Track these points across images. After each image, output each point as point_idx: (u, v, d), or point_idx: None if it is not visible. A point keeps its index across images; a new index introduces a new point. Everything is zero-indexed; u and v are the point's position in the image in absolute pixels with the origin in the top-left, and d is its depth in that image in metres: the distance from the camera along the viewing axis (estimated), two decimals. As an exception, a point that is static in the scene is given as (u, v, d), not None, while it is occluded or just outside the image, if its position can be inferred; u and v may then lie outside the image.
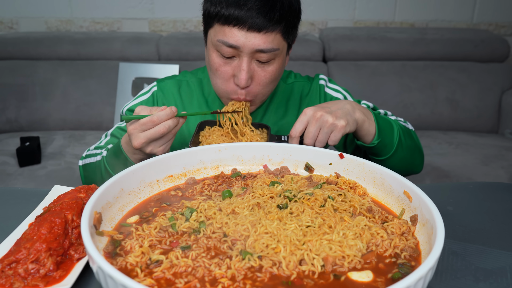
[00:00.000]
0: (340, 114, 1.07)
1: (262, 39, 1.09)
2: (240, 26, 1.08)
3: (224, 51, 1.12)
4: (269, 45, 1.10)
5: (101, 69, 2.76)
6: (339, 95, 1.37)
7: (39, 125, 2.72)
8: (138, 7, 3.06)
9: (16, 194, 1.05)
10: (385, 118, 1.20)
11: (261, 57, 1.12)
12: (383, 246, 0.72)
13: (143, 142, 1.02)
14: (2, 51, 2.80)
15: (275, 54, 1.13)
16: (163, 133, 1.02)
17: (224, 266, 0.65)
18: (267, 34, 1.09)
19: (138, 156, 1.11)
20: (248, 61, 1.12)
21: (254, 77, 1.15)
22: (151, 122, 1.01)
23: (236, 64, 1.14)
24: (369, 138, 1.15)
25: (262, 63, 1.14)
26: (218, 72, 1.16)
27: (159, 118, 1.01)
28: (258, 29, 1.08)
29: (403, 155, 1.21)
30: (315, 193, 0.84)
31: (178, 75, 1.41)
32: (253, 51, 1.10)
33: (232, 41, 1.09)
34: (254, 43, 1.09)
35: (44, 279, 0.69)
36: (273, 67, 1.16)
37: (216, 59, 1.15)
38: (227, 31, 1.10)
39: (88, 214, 0.69)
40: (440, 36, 2.90)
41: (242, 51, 1.10)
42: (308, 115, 1.07)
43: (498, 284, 0.74)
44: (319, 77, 1.40)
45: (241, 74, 1.12)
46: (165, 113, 1.02)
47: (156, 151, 1.05)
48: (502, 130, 2.85)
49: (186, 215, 0.78)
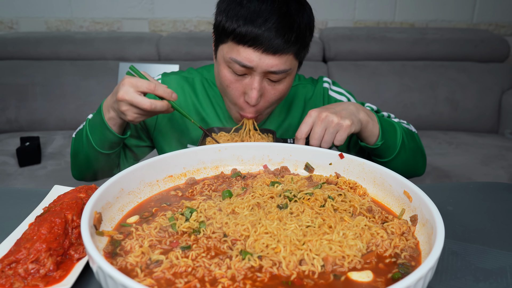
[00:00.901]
0: (345, 114, 1.07)
1: (276, 61, 1.08)
2: (255, 47, 1.06)
3: (237, 69, 1.10)
4: (282, 67, 1.09)
5: (101, 69, 2.76)
6: (343, 98, 1.37)
7: (39, 125, 2.72)
8: (138, 7, 3.06)
9: (16, 194, 1.05)
10: (388, 120, 1.20)
11: (272, 77, 1.12)
12: (383, 246, 0.72)
13: (126, 99, 1.01)
14: (2, 51, 2.80)
15: (287, 74, 1.13)
16: (145, 108, 1.01)
17: (224, 266, 0.65)
18: (282, 56, 1.08)
19: (111, 114, 1.09)
20: (260, 80, 1.11)
21: (264, 95, 1.15)
22: (147, 84, 1.01)
23: (248, 82, 1.13)
24: (372, 139, 1.15)
25: (273, 82, 1.14)
26: (229, 89, 1.16)
27: (156, 89, 1.02)
28: (273, 51, 1.06)
29: (406, 157, 1.21)
30: (315, 193, 0.84)
31: (184, 71, 1.39)
32: (266, 71, 1.09)
33: (246, 61, 1.07)
34: (268, 65, 1.08)
35: (44, 279, 0.69)
36: (283, 86, 1.16)
37: (228, 75, 1.13)
38: (241, 51, 1.07)
39: (88, 214, 0.69)
40: (440, 36, 2.90)
41: (254, 71, 1.09)
42: (313, 116, 1.07)
43: (498, 284, 0.74)
44: (323, 80, 1.40)
45: (252, 92, 1.11)
46: (164, 90, 1.02)
47: (128, 114, 1.03)
48: (502, 130, 2.85)
49: (186, 215, 0.78)
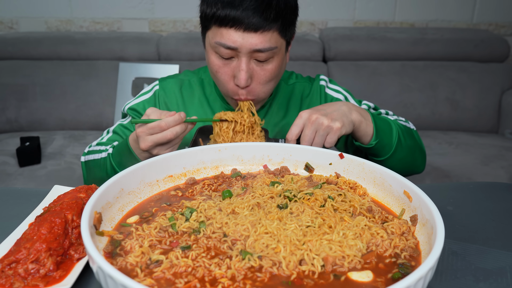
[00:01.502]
0: (336, 116, 1.07)
1: (259, 39, 1.09)
2: (236, 27, 1.08)
3: (222, 52, 1.12)
4: (267, 44, 1.10)
5: (101, 69, 2.76)
6: (340, 95, 1.37)
7: (39, 125, 2.72)
8: (138, 7, 3.06)
9: (16, 194, 1.05)
10: (384, 119, 1.20)
11: (259, 57, 1.12)
12: (383, 246, 0.72)
13: (150, 145, 1.04)
14: (2, 51, 2.79)
15: (274, 53, 1.14)
16: (169, 139, 1.04)
17: (224, 266, 0.65)
18: (264, 33, 1.09)
19: (145, 155, 1.12)
20: (247, 61, 1.12)
21: (253, 76, 1.16)
22: (159, 127, 1.03)
23: (235, 64, 1.14)
24: (366, 139, 1.15)
25: (261, 62, 1.14)
26: (219, 74, 1.17)
27: (167, 123, 1.03)
28: (254, 29, 1.08)
29: (402, 155, 1.21)
30: (315, 193, 0.84)
31: (180, 74, 1.41)
32: (251, 51, 1.11)
33: (229, 42, 1.10)
34: (252, 43, 1.09)
35: (44, 279, 0.69)
36: (272, 65, 1.16)
37: (216, 61, 1.16)
38: (224, 33, 1.10)
39: (88, 214, 0.69)
40: (440, 36, 2.90)
41: (240, 52, 1.11)
42: (303, 118, 1.07)
43: (498, 284, 0.74)
44: (319, 78, 1.40)
45: (240, 74, 1.12)
46: (173, 119, 1.03)
47: (162, 152, 1.07)
48: (502, 130, 2.85)
49: (186, 215, 0.78)
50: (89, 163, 1.27)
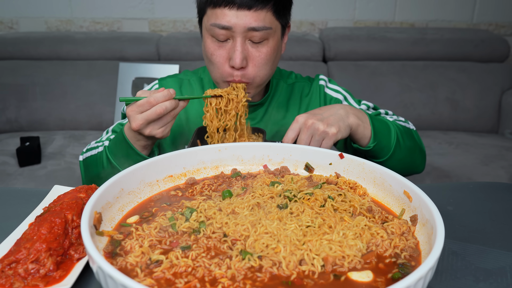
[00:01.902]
0: (332, 121, 1.07)
1: (253, 17, 1.11)
2: (230, 6, 1.10)
3: (218, 33, 1.13)
4: (261, 23, 1.12)
5: (101, 69, 2.76)
6: (339, 95, 1.37)
7: (39, 125, 2.72)
8: (138, 7, 3.06)
9: (16, 194, 1.05)
10: (382, 120, 1.20)
11: (254, 36, 1.13)
12: (383, 246, 0.72)
13: (141, 123, 1.02)
14: (2, 51, 2.80)
15: (268, 33, 1.14)
16: (159, 113, 1.02)
17: (224, 266, 0.65)
18: (258, 11, 1.11)
19: (141, 143, 1.11)
20: (242, 42, 1.13)
21: (249, 58, 1.16)
22: (147, 103, 1.02)
23: (230, 46, 1.15)
24: (364, 141, 1.15)
25: (256, 44, 1.15)
26: (214, 57, 1.17)
27: (156, 99, 1.02)
28: (248, 6, 1.10)
29: (401, 156, 1.21)
30: (315, 193, 0.84)
31: (180, 74, 1.42)
32: (246, 30, 1.11)
33: (224, 22, 1.11)
34: (246, 22, 1.10)
35: (44, 279, 0.69)
36: (268, 48, 1.16)
37: (211, 44, 1.16)
38: (218, 13, 1.11)
39: (88, 214, 0.69)
40: (440, 36, 2.90)
41: (234, 31, 1.12)
42: (300, 123, 1.07)
43: (498, 284, 0.74)
44: (319, 78, 1.40)
45: (235, 54, 1.13)
46: (162, 95, 1.03)
47: (155, 133, 1.05)
48: (502, 130, 2.85)
49: (186, 215, 0.78)
50: (86, 160, 1.26)
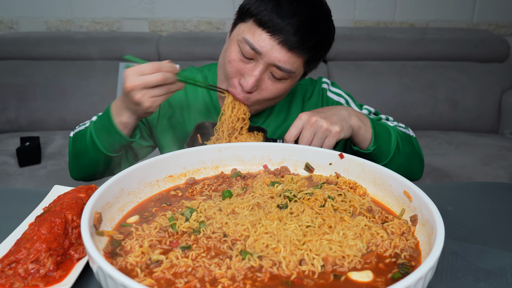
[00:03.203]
0: (335, 120, 1.07)
1: (285, 57, 1.08)
2: (273, 35, 1.06)
3: (245, 50, 1.10)
4: (288, 66, 1.09)
5: (101, 69, 2.76)
6: (341, 99, 1.37)
7: (39, 125, 2.72)
8: (138, 7, 3.06)
9: (16, 194, 1.05)
10: (383, 125, 1.20)
11: (275, 72, 1.11)
12: (383, 246, 0.72)
13: (136, 84, 1.00)
14: (2, 51, 2.80)
15: (289, 76, 1.13)
16: (159, 80, 1.00)
17: (224, 266, 0.65)
18: (293, 55, 1.08)
19: (123, 117, 1.09)
20: (263, 70, 1.11)
21: (260, 87, 1.15)
22: (151, 66, 1.00)
23: (250, 67, 1.12)
24: (365, 144, 1.15)
25: (274, 78, 1.13)
26: (230, 65, 1.14)
27: (160, 65, 1.01)
28: (288, 47, 1.07)
29: (400, 162, 1.21)
30: (315, 193, 0.84)
31: (186, 70, 1.40)
32: (272, 64, 1.09)
33: (257, 45, 1.08)
34: (276, 57, 1.08)
35: (44, 279, 0.69)
36: (283, 86, 1.15)
37: (234, 53, 1.13)
38: (257, 34, 1.08)
39: (88, 214, 0.69)
40: (440, 36, 2.90)
41: (261, 59, 1.09)
42: (303, 120, 1.06)
43: (498, 284, 0.74)
44: (322, 81, 1.40)
45: (251, 78, 1.11)
46: (167, 64, 1.02)
47: (144, 100, 1.02)
48: (502, 130, 2.85)
49: (186, 215, 0.78)
50: (75, 135, 1.24)
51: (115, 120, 1.10)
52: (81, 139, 1.19)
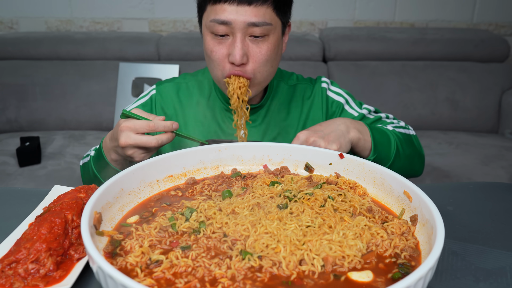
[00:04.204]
0: (333, 138, 1.07)
1: (253, 12, 1.10)
2: (230, 2, 1.09)
3: (217, 29, 1.12)
4: (261, 19, 1.11)
5: (101, 69, 2.76)
6: (341, 98, 1.37)
7: (39, 125, 2.72)
8: (138, 7, 3.06)
9: (16, 194, 1.05)
10: (382, 131, 1.20)
11: (254, 32, 1.12)
12: (383, 246, 0.72)
13: (130, 143, 1.01)
14: (2, 51, 2.79)
15: (268, 30, 1.13)
16: (152, 146, 1.01)
17: (224, 266, 0.65)
18: (258, 7, 1.10)
19: (113, 156, 1.10)
20: (242, 38, 1.12)
21: (249, 55, 1.14)
22: (147, 126, 1.01)
23: (230, 42, 1.13)
24: (365, 153, 1.16)
25: (256, 40, 1.13)
26: (213, 53, 1.15)
27: (156, 125, 1.01)
28: (248, 2, 1.09)
29: (400, 165, 1.21)
30: (315, 193, 0.84)
31: (178, 77, 1.40)
32: (245, 26, 1.11)
33: (223, 17, 1.10)
34: (245, 17, 1.10)
35: (44, 279, 0.69)
36: (268, 44, 1.15)
37: (210, 41, 1.15)
38: (218, 9, 1.11)
39: (88, 214, 0.69)
40: (440, 36, 2.90)
41: (234, 27, 1.11)
42: (301, 140, 1.07)
43: (498, 284, 0.74)
44: (321, 80, 1.40)
45: (235, 50, 1.12)
46: (164, 126, 1.02)
47: (135, 156, 1.04)
48: (502, 130, 2.85)
49: (186, 215, 0.78)
50: (83, 166, 1.28)
51: (108, 158, 1.12)
52: (87, 171, 1.23)
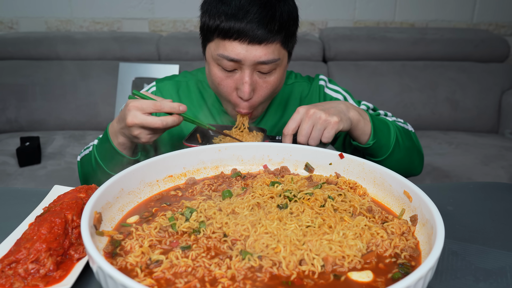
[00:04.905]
0: (334, 112, 1.07)
1: (263, 51, 1.09)
2: (241, 40, 1.08)
3: (226, 65, 1.11)
4: (270, 56, 1.10)
5: (101, 69, 2.76)
6: (339, 96, 1.37)
7: (39, 125, 2.72)
8: (138, 7, 3.06)
9: (16, 194, 1.05)
10: (382, 119, 1.20)
11: (262, 68, 1.12)
12: (383, 246, 0.72)
13: (136, 123, 1.02)
14: (2, 51, 2.80)
15: (276, 64, 1.14)
16: (157, 127, 1.02)
17: (224, 266, 0.65)
18: (268, 45, 1.09)
19: (121, 139, 1.11)
20: (250, 74, 1.12)
21: (256, 89, 1.16)
22: (153, 106, 1.02)
23: (238, 76, 1.14)
24: (364, 138, 1.15)
25: (264, 74, 1.14)
26: (221, 86, 1.17)
27: (162, 105, 1.02)
28: (259, 41, 1.08)
29: (400, 156, 1.21)
30: (315, 193, 0.84)
31: (178, 75, 1.41)
32: (255, 63, 1.10)
33: (233, 55, 1.09)
34: (256, 56, 1.09)
35: (44, 279, 0.69)
36: (275, 77, 1.16)
37: (218, 73, 1.15)
38: (227, 45, 1.09)
39: (88, 214, 0.69)
40: (440, 36, 2.90)
41: (243, 64, 1.10)
42: (301, 113, 1.07)
43: (498, 284, 0.74)
44: (319, 78, 1.40)
45: (244, 87, 1.12)
46: (171, 106, 1.03)
47: (142, 137, 1.05)
48: (502, 130, 2.85)
49: (186, 215, 0.78)
50: (83, 160, 1.27)
51: (114, 142, 1.12)
52: (87, 163, 1.23)
